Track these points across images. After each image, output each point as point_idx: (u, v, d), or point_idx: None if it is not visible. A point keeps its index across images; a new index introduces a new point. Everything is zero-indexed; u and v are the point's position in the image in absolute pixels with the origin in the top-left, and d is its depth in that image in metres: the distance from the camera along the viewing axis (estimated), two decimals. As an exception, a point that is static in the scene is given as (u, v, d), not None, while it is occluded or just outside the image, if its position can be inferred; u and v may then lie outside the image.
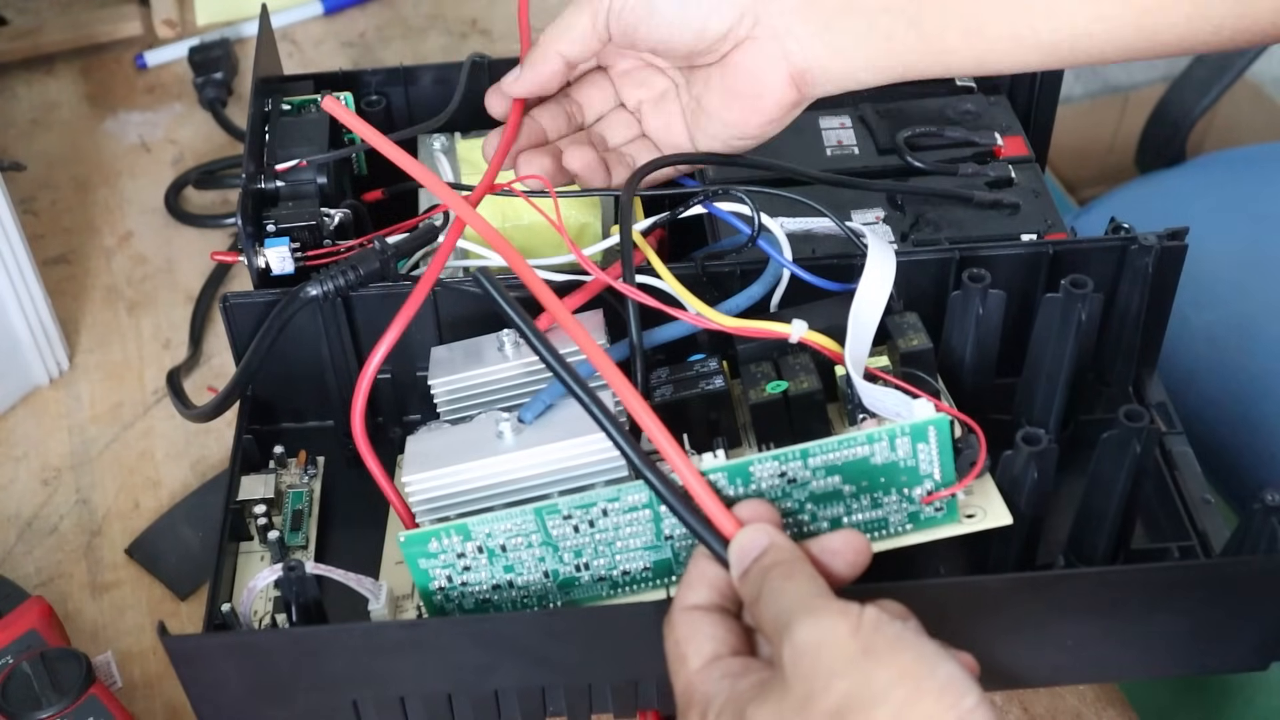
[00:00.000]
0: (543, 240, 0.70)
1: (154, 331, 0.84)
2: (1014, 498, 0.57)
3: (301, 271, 0.66)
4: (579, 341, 0.54)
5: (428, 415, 0.66)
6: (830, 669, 0.45)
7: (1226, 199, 1.12)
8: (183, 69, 1.02)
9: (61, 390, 0.81)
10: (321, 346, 0.67)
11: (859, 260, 0.59)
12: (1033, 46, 0.59)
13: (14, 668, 0.61)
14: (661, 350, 0.62)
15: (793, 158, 0.72)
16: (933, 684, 0.44)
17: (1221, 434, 0.97)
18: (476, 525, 0.55)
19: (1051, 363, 0.63)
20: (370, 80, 0.79)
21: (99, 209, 0.93)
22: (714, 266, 0.65)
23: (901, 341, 0.60)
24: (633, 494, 0.55)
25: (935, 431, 0.54)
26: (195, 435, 0.78)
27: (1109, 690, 0.65)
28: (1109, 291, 0.65)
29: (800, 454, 0.54)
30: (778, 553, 0.50)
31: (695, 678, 0.49)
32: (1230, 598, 0.57)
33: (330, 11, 1.08)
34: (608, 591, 0.58)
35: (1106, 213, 0.82)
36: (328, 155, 0.69)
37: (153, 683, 0.67)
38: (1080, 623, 0.58)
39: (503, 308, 0.56)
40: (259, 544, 0.65)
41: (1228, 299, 1.02)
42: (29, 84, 1.02)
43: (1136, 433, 0.56)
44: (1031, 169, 0.73)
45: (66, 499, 0.75)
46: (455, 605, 0.57)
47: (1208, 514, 0.63)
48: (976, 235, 0.68)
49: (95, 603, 0.71)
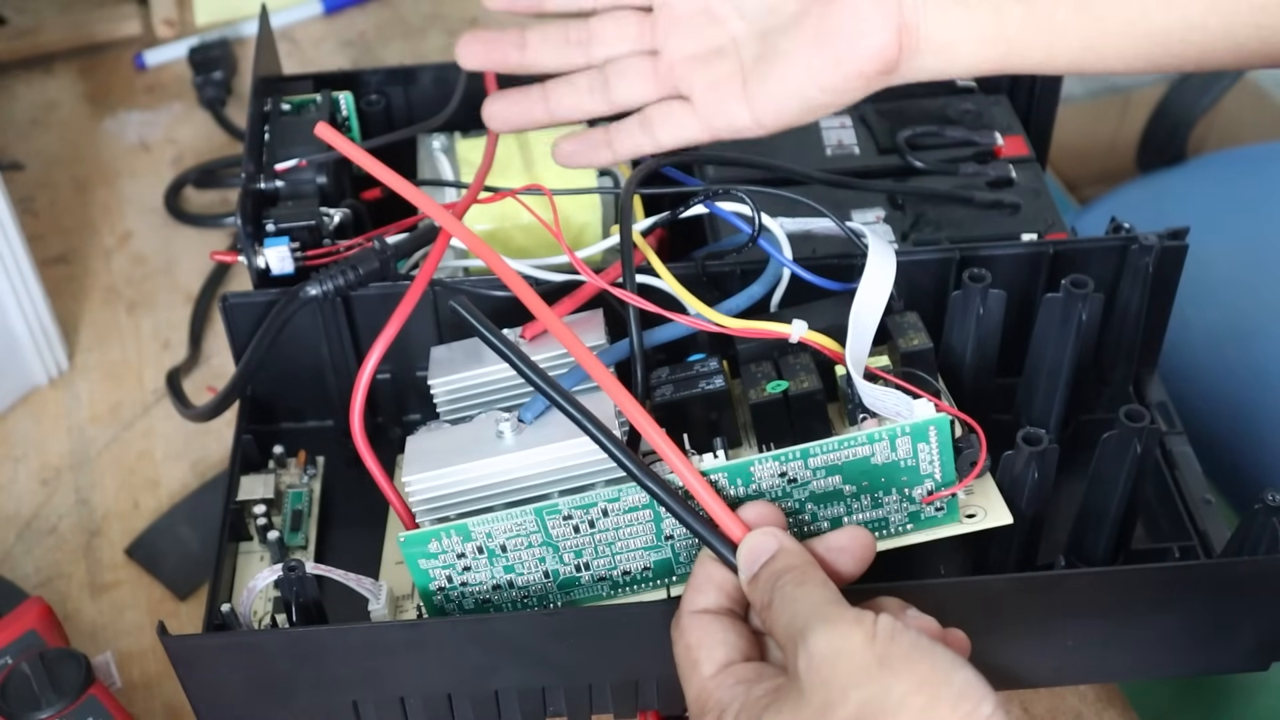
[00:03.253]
0: (542, 240, 0.70)
1: (153, 331, 0.84)
2: (1014, 498, 0.57)
3: (301, 271, 0.66)
4: (572, 350, 0.54)
5: (428, 415, 0.66)
6: (847, 679, 0.44)
7: (1227, 199, 1.12)
8: (182, 69, 1.02)
9: (61, 390, 0.81)
10: (321, 346, 0.67)
11: (859, 260, 0.59)
12: (1143, 34, 0.56)
13: (13, 668, 0.61)
14: (661, 350, 0.62)
15: (793, 158, 0.72)
16: (949, 691, 0.44)
17: (1221, 434, 0.97)
18: (476, 525, 0.55)
19: (1052, 362, 0.63)
20: (370, 80, 0.79)
21: (98, 209, 0.93)
22: (714, 266, 0.65)
23: (902, 341, 0.60)
24: (633, 494, 0.55)
25: (936, 431, 0.54)
26: (195, 435, 0.78)
27: (1109, 690, 0.65)
28: (1109, 291, 0.65)
29: (801, 454, 0.54)
30: (788, 557, 0.50)
31: (709, 684, 0.49)
32: (1230, 598, 0.57)
33: (330, 11, 1.08)
34: (608, 591, 0.58)
35: (1107, 212, 0.82)
36: (327, 155, 0.69)
37: (152, 683, 0.67)
38: (1080, 623, 0.58)
39: (483, 334, 0.55)
40: (259, 544, 0.65)
41: (1228, 299, 1.02)
42: (28, 84, 1.02)
43: (1137, 433, 0.56)
44: (1032, 169, 0.73)
45: (66, 499, 0.75)
46: (455, 605, 0.57)
47: (1208, 514, 0.63)
48: (977, 235, 0.68)
49: (95, 603, 0.71)
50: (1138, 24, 0.56)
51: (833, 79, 0.58)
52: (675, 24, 0.60)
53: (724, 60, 0.60)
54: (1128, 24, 0.56)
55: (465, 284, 0.65)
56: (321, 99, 0.74)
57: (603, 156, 0.62)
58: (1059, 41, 0.57)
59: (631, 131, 0.61)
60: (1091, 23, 0.56)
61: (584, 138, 0.62)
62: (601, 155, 0.62)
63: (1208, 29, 0.55)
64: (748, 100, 0.59)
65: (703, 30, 0.60)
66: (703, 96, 0.60)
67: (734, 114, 0.59)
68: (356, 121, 0.77)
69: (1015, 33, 0.57)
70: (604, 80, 0.61)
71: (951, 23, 0.57)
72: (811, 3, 0.58)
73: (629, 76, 0.61)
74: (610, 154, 0.62)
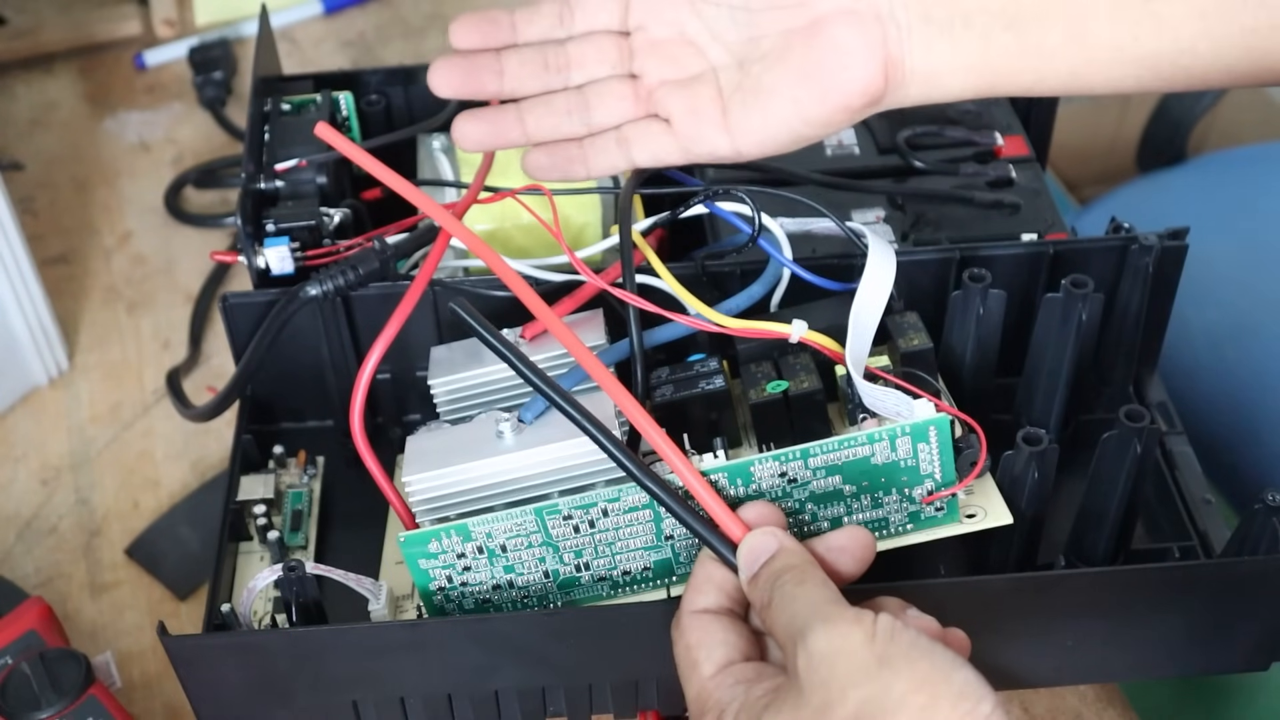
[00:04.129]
0: (542, 240, 0.70)
1: (153, 331, 0.84)
2: (1014, 498, 0.57)
3: (301, 271, 0.66)
4: (572, 350, 0.55)
5: (428, 415, 0.66)
6: (846, 678, 0.44)
7: (1227, 199, 1.12)
8: (182, 68, 1.02)
9: (61, 390, 0.81)
10: (321, 346, 0.67)
11: (859, 260, 0.59)
12: (1132, 60, 0.55)
13: (13, 668, 0.61)
14: (661, 350, 0.62)
15: (793, 158, 0.71)
16: (949, 691, 0.44)
17: (1221, 434, 0.97)
18: (476, 525, 0.55)
19: (1052, 362, 0.63)
20: (370, 80, 0.79)
21: (98, 209, 0.93)
22: (714, 266, 0.65)
23: (902, 341, 0.60)
24: (633, 494, 0.55)
25: (936, 431, 0.54)
26: (195, 435, 0.78)
27: (1109, 690, 0.65)
28: (1109, 291, 0.65)
29: (801, 454, 0.54)
30: (788, 556, 0.50)
31: (709, 684, 0.49)
32: (1230, 598, 0.57)
33: (330, 11, 1.08)
34: (608, 591, 0.58)
35: (1107, 212, 0.82)
36: (327, 155, 0.69)
37: (152, 683, 0.67)
38: (1080, 623, 0.58)
39: (482, 335, 0.55)
40: (259, 544, 0.65)
41: (1228, 299, 1.02)
42: (28, 84, 1.02)
43: (1137, 433, 0.56)
44: (1032, 168, 0.73)
45: (66, 499, 0.75)
46: (455, 605, 0.57)
47: (1208, 514, 0.63)
48: (977, 235, 0.68)
49: (95, 603, 0.71)
50: (1127, 49, 0.55)
51: (818, 113, 0.57)
52: (653, 49, 0.59)
53: (704, 86, 0.58)
54: (1117, 50, 0.55)
55: (465, 284, 0.65)
56: (321, 99, 0.74)
57: (576, 171, 0.60)
58: (1047, 67, 0.56)
59: (607, 148, 0.60)
60: (1081, 49, 0.55)
61: (558, 150, 0.60)
62: (575, 170, 0.60)
63: (1197, 53, 0.55)
64: (728, 130, 0.58)
65: (680, 57, 0.59)
66: (682, 121, 0.58)
67: (714, 141, 0.58)
68: (356, 121, 0.77)
69: (1002, 61, 0.56)
70: (583, 101, 0.59)
71: (937, 53, 0.56)
72: (793, 35, 0.57)
73: (608, 98, 0.59)
74: (584, 169, 0.60)
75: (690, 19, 0.59)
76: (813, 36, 0.56)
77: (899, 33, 0.56)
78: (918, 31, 0.56)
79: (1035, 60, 0.56)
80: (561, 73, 0.60)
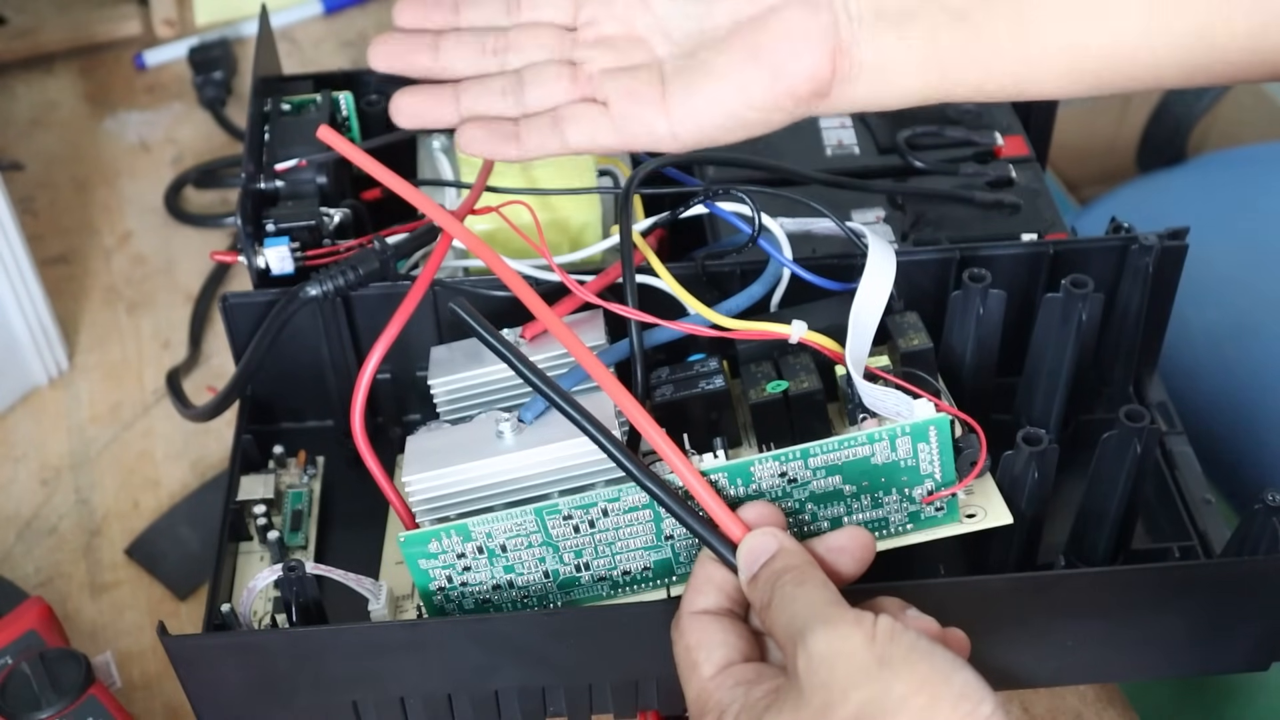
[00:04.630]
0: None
1: (153, 331, 0.84)
2: (1014, 498, 0.57)
3: (301, 271, 0.66)
4: (572, 350, 0.54)
5: (428, 415, 0.66)
6: (847, 679, 0.44)
7: (1227, 199, 1.11)
8: (182, 68, 1.02)
9: (61, 390, 0.81)
10: (321, 346, 0.67)
11: (859, 260, 0.59)
12: (1083, 58, 0.55)
13: (13, 668, 0.61)
14: (661, 350, 0.62)
15: (793, 158, 0.72)
16: (949, 692, 0.44)
17: (1221, 434, 0.96)
18: (476, 525, 0.55)
19: (1052, 363, 0.63)
20: (370, 80, 0.79)
21: (98, 209, 0.93)
22: (714, 266, 0.65)
23: (902, 341, 0.60)
24: (633, 494, 0.55)
25: (936, 431, 0.54)
26: (195, 435, 0.78)
27: (1109, 690, 0.65)
28: (1109, 291, 0.65)
29: (801, 454, 0.54)
30: (788, 557, 0.50)
31: (709, 685, 0.49)
32: (1230, 598, 0.57)
33: (330, 11, 1.08)
34: (608, 591, 0.58)
35: (1107, 212, 0.82)
36: (327, 155, 0.69)
37: (152, 683, 0.67)
38: (1080, 623, 0.58)
39: (482, 336, 0.55)
40: (259, 544, 0.65)
41: (1228, 299, 1.02)
42: (28, 84, 1.02)
43: (1137, 433, 0.56)
44: (1032, 168, 0.73)
45: (66, 499, 0.75)
46: (455, 605, 0.57)
47: (1208, 514, 0.63)
48: (977, 235, 0.68)
49: (95, 603, 0.71)
50: (1077, 48, 0.54)
51: (763, 97, 0.56)
52: (598, 42, 0.59)
53: (646, 71, 0.57)
54: (1067, 46, 0.55)
55: (465, 284, 0.65)
56: (321, 99, 0.74)
57: (509, 151, 0.58)
58: (996, 64, 0.55)
59: (541, 128, 0.58)
60: (1029, 46, 0.55)
61: (493, 126, 0.59)
62: (508, 149, 0.58)
63: (1153, 50, 0.54)
64: (667, 112, 0.56)
65: (626, 49, 0.58)
66: (619, 103, 0.57)
67: (651, 123, 0.57)
68: (356, 121, 0.77)
69: (951, 57, 0.55)
70: (519, 83, 0.58)
71: (885, 45, 0.55)
72: (743, 23, 0.56)
73: (546, 81, 0.58)
74: (517, 149, 0.58)
75: (641, 14, 0.58)
76: (763, 21, 0.56)
77: (850, 23, 0.55)
78: (868, 24, 0.55)
79: (984, 56, 0.55)
80: (499, 55, 0.59)
